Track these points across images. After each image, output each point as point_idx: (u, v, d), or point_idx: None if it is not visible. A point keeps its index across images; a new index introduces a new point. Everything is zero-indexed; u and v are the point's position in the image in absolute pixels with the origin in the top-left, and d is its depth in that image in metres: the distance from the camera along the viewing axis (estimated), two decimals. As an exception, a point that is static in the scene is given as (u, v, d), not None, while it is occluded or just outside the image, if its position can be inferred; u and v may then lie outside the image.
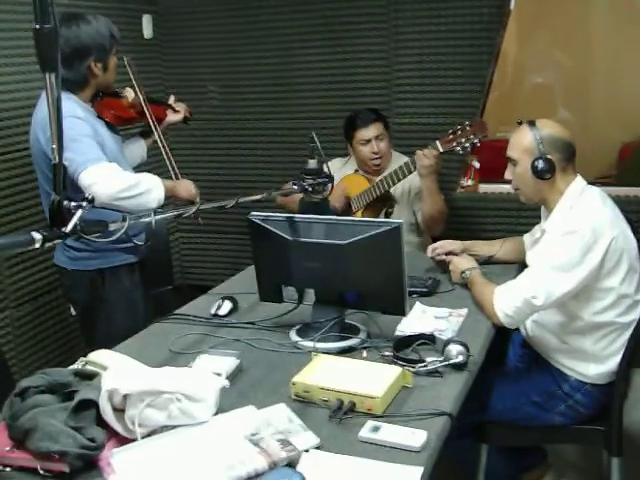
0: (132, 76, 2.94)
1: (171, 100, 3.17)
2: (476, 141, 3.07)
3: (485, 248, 2.87)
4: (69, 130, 2.48)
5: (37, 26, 1.26)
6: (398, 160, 3.42)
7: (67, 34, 2.61)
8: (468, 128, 3.06)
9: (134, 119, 2.99)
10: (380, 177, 3.39)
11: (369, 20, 3.95)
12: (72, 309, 3.05)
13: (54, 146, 1.29)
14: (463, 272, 2.61)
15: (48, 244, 1.31)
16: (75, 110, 2.61)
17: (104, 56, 2.69)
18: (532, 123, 2.41)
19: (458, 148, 3.09)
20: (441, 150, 3.10)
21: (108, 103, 2.82)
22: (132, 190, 2.51)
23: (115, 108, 2.84)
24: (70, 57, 2.61)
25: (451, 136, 3.09)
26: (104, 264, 2.77)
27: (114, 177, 2.51)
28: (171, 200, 2.73)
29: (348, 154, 3.61)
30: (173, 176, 2.92)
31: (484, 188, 3.99)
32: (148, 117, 2.96)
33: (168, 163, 2.95)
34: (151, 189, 2.58)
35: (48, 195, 2.33)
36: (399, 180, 3.26)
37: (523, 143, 2.40)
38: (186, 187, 2.81)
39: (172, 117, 3.12)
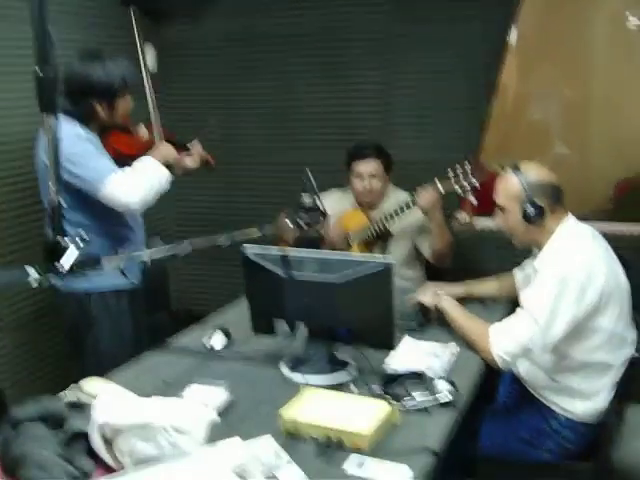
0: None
1: (192, 143, 3.13)
2: (475, 183, 3.10)
3: (481, 287, 2.89)
4: (75, 148, 2.57)
5: (37, 69, 1.30)
6: (395, 194, 3.46)
7: (78, 69, 2.69)
8: (468, 170, 3.09)
9: (138, 157, 2.89)
10: (377, 212, 3.42)
11: (366, 55, 3.99)
12: None
13: (52, 187, 1.33)
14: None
15: (42, 279, 1.34)
16: (77, 129, 2.68)
17: (109, 98, 2.73)
18: (516, 168, 2.42)
19: (457, 188, 3.12)
20: (441, 190, 3.14)
21: (114, 138, 2.86)
22: (152, 188, 2.73)
23: (120, 144, 2.87)
24: (75, 92, 2.68)
25: (452, 177, 3.12)
26: (91, 287, 2.77)
27: (132, 186, 2.68)
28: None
29: (346, 185, 3.64)
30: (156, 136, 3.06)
31: (480, 223, 4.00)
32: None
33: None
34: (158, 173, 2.78)
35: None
36: (398, 217, 3.29)
37: (510, 190, 2.42)
38: (167, 151, 2.93)
39: (186, 162, 3.07)
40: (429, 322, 2.65)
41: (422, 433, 1.85)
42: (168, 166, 2.86)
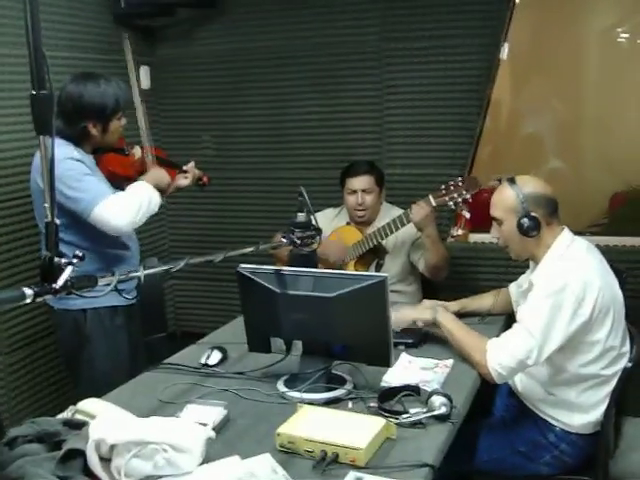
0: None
1: (189, 165, 3.08)
2: (468, 197, 3.12)
3: (477, 303, 2.89)
4: (69, 171, 2.61)
5: (33, 92, 1.31)
6: (389, 212, 3.47)
7: (72, 91, 2.69)
8: (461, 184, 3.10)
9: (131, 178, 2.91)
10: (371, 228, 3.43)
11: (361, 73, 4.03)
12: None
13: (46, 205, 1.34)
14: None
15: (39, 299, 1.35)
16: (72, 152, 2.69)
17: (103, 119, 2.74)
18: (512, 181, 2.44)
19: (450, 203, 3.13)
20: (434, 204, 3.14)
21: (108, 159, 2.87)
22: (140, 210, 2.70)
23: (114, 164, 2.87)
24: (70, 114, 2.69)
25: (444, 191, 3.12)
26: (86, 304, 2.78)
27: (122, 208, 2.66)
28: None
29: (341, 204, 3.66)
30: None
31: (474, 237, 4.03)
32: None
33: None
34: (149, 195, 2.76)
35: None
36: (392, 233, 3.30)
37: (506, 202, 2.43)
38: (159, 175, 2.92)
39: (180, 181, 3.03)
40: (426, 339, 2.66)
41: (418, 447, 1.85)
42: (159, 189, 2.86)
